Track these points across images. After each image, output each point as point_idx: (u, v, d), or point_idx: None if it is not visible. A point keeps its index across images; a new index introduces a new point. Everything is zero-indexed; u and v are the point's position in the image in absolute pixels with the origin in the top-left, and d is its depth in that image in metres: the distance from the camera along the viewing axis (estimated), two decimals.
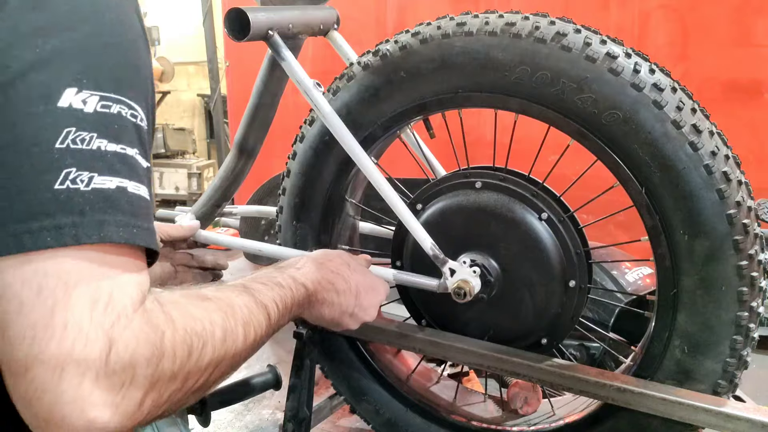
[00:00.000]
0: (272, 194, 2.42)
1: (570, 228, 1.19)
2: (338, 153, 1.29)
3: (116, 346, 0.57)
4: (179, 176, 6.77)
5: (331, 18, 1.44)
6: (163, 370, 0.61)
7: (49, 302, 0.55)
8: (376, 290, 1.13)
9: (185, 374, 0.64)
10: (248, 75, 1.63)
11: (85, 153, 0.58)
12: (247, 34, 1.20)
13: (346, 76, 1.27)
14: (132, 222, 0.60)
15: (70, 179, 0.57)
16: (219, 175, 1.63)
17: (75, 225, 0.57)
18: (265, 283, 0.88)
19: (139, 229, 0.61)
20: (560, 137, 1.14)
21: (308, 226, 1.39)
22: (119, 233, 0.59)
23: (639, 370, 1.16)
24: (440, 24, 1.17)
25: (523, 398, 1.40)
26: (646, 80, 1.03)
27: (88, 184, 0.58)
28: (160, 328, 0.61)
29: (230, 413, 1.95)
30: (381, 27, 3.10)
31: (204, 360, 0.67)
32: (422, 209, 1.30)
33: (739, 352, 1.06)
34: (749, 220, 1.03)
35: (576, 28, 1.08)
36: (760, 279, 1.05)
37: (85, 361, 0.55)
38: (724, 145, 1.06)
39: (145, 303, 0.62)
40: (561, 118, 1.09)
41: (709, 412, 1.02)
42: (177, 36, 7.55)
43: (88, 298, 0.57)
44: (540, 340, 1.24)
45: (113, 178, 0.60)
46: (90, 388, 0.56)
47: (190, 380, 0.66)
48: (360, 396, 1.46)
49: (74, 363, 0.55)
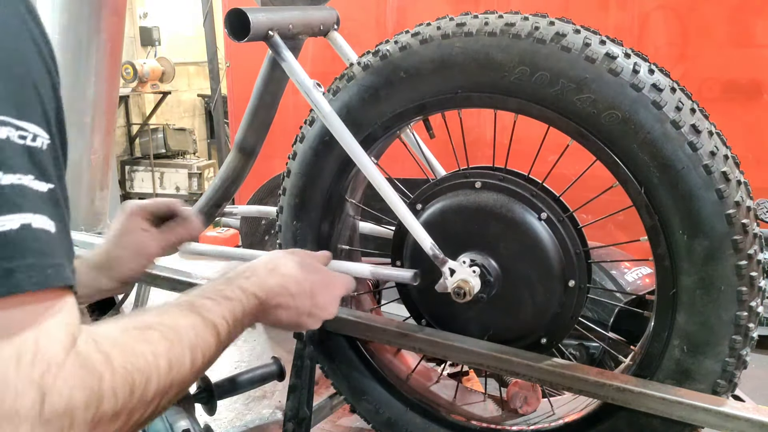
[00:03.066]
0: (272, 194, 2.42)
1: (569, 228, 1.19)
2: (338, 153, 1.29)
3: (50, 395, 0.55)
4: (180, 176, 6.77)
5: (331, 18, 1.44)
6: (104, 411, 0.59)
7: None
8: (332, 285, 1.09)
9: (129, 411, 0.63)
10: (249, 75, 1.63)
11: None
12: (247, 34, 1.20)
13: (346, 76, 1.27)
14: (44, 262, 0.55)
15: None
16: (219, 175, 1.63)
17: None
18: (212, 297, 0.84)
19: (53, 268, 0.56)
20: (560, 137, 1.14)
21: (308, 226, 1.39)
22: (31, 280, 0.54)
23: (638, 369, 1.16)
24: (440, 24, 1.17)
25: (522, 398, 1.40)
26: (646, 80, 1.03)
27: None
28: (96, 371, 0.59)
29: (231, 412, 1.96)
30: (381, 27, 3.11)
31: (148, 394, 0.65)
32: (422, 209, 1.30)
33: (738, 351, 1.07)
34: (748, 220, 1.03)
35: (575, 28, 1.08)
36: (759, 279, 1.05)
37: (17, 415, 0.53)
38: (724, 145, 1.06)
39: (77, 344, 0.59)
40: (560, 118, 1.10)
41: (708, 411, 1.03)
42: (177, 36, 7.55)
43: (11, 352, 0.54)
44: (539, 339, 1.24)
45: (14, 215, 0.53)
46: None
47: (135, 414, 0.64)
48: (360, 395, 1.46)
49: (6, 418, 0.53)
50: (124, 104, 7.09)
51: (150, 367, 0.65)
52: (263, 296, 0.94)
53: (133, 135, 7.31)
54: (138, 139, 7.30)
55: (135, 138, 7.31)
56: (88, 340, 0.60)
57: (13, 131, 0.55)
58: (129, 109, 7.26)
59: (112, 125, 2.18)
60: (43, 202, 0.56)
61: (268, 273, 0.98)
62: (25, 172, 0.55)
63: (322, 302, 1.05)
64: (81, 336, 0.60)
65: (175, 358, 0.70)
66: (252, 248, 2.43)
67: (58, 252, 0.57)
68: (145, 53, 7.21)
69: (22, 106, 0.56)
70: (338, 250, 1.44)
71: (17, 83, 0.57)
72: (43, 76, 0.60)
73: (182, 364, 0.71)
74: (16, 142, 0.55)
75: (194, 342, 0.74)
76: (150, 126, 7.14)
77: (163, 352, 0.68)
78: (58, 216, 0.58)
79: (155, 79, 6.74)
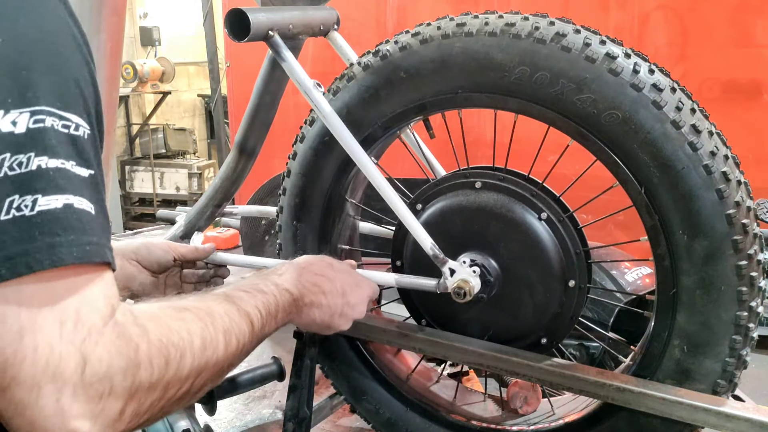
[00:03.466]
0: (273, 194, 2.42)
1: (569, 228, 1.19)
2: (338, 153, 1.29)
3: (90, 360, 0.58)
4: (180, 176, 6.77)
5: (331, 18, 1.44)
6: (141, 381, 0.62)
7: (15, 328, 0.56)
8: (360, 286, 1.13)
9: (165, 384, 0.65)
10: (249, 75, 1.64)
11: (24, 177, 0.57)
12: (247, 34, 1.20)
13: (346, 76, 1.27)
14: (84, 239, 0.60)
15: (15, 207, 0.56)
16: (219, 175, 1.63)
17: (26, 253, 0.56)
18: (247, 290, 0.87)
19: (92, 245, 0.60)
20: (560, 137, 1.14)
21: (308, 226, 1.39)
22: (72, 254, 0.58)
23: (638, 369, 1.16)
24: (440, 24, 1.17)
25: (522, 398, 1.40)
26: (646, 80, 1.03)
27: (33, 208, 0.57)
28: (133, 341, 0.62)
29: (231, 412, 1.96)
30: (381, 27, 3.11)
31: (184, 369, 0.67)
32: (422, 209, 1.30)
33: (738, 351, 1.07)
34: (748, 220, 1.03)
35: (575, 28, 1.08)
36: (759, 279, 1.05)
37: (61, 378, 0.57)
38: (724, 145, 1.06)
39: (115, 316, 0.62)
40: (560, 118, 1.10)
41: (708, 411, 1.03)
42: (177, 36, 7.56)
43: (55, 319, 0.57)
44: (539, 339, 1.24)
45: (59, 195, 0.58)
46: (69, 402, 0.57)
47: (171, 389, 0.66)
48: (360, 395, 1.46)
49: (50, 381, 0.56)
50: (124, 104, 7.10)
51: (184, 343, 0.68)
52: (296, 293, 0.97)
53: (133, 135, 7.31)
54: (138, 139, 7.31)
55: (135, 138, 7.31)
56: (126, 313, 0.64)
57: (58, 121, 0.60)
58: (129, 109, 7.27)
59: (112, 125, 2.18)
60: (85, 186, 0.61)
61: (302, 271, 1.02)
62: (67, 158, 0.60)
63: (353, 302, 1.09)
64: (119, 309, 0.63)
65: (210, 339, 0.72)
66: (252, 248, 2.43)
67: (97, 231, 0.61)
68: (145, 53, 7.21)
69: (65, 99, 0.61)
70: (338, 250, 1.44)
71: (61, 78, 0.62)
72: (83, 71, 0.65)
73: (216, 346, 0.73)
74: (61, 131, 0.60)
75: (228, 327, 0.76)
76: (150, 126, 7.15)
77: (197, 331, 0.71)
78: (97, 199, 0.63)
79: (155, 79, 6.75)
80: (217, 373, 0.74)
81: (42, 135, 0.58)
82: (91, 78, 0.66)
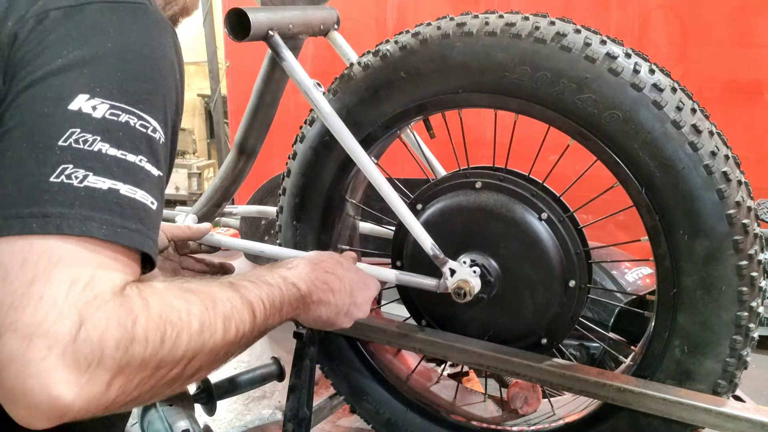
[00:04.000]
0: (272, 194, 2.42)
1: (570, 228, 1.19)
2: (338, 153, 1.29)
3: (86, 324, 0.58)
4: (179, 176, 6.77)
5: (331, 18, 1.44)
6: (132, 355, 0.61)
7: (30, 273, 0.58)
8: (368, 285, 1.12)
9: (157, 362, 0.64)
10: (248, 75, 1.64)
11: (84, 153, 0.63)
12: (247, 34, 1.20)
13: (346, 76, 1.27)
14: (118, 222, 0.63)
15: (66, 174, 0.62)
16: (219, 175, 1.63)
17: (61, 216, 0.61)
18: (253, 281, 0.86)
19: (125, 230, 0.64)
20: (560, 137, 1.14)
21: (308, 226, 1.39)
22: (101, 230, 0.62)
23: (639, 369, 1.16)
24: (440, 24, 1.17)
25: (523, 398, 1.40)
26: (646, 80, 1.03)
27: (82, 181, 0.62)
28: (133, 312, 0.62)
29: (230, 413, 1.96)
30: (381, 27, 3.11)
31: (178, 350, 0.66)
32: (422, 209, 1.30)
33: (738, 351, 1.06)
34: (749, 220, 1.03)
35: (576, 28, 1.08)
36: (759, 279, 1.05)
37: (54, 335, 0.57)
38: (724, 145, 1.06)
39: (125, 290, 0.63)
40: (561, 118, 1.09)
41: (708, 412, 1.03)
42: None
43: (68, 276, 0.60)
44: (540, 339, 1.24)
45: (107, 179, 0.64)
46: (55, 363, 0.57)
47: (162, 369, 0.65)
48: (360, 396, 1.46)
49: (43, 335, 0.57)
50: None
51: (182, 323, 0.68)
52: (305, 289, 0.97)
53: None
54: None
55: None
56: (133, 285, 0.65)
57: (136, 120, 0.67)
58: None
59: None
60: (153, 185, 0.68)
61: (312, 267, 1.01)
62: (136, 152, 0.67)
63: (360, 301, 1.09)
64: (130, 284, 0.65)
65: (208, 323, 0.72)
66: None
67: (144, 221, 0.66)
68: None
69: (149, 105, 0.69)
70: (338, 250, 1.44)
71: (151, 88, 0.70)
72: (171, 94, 0.73)
73: (214, 330, 0.72)
74: (140, 129, 0.67)
75: (229, 313, 0.76)
76: None
77: (197, 313, 0.71)
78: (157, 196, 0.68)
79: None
80: (212, 359, 0.73)
81: (112, 126, 0.65)
82: (176, 103, 0.74)
